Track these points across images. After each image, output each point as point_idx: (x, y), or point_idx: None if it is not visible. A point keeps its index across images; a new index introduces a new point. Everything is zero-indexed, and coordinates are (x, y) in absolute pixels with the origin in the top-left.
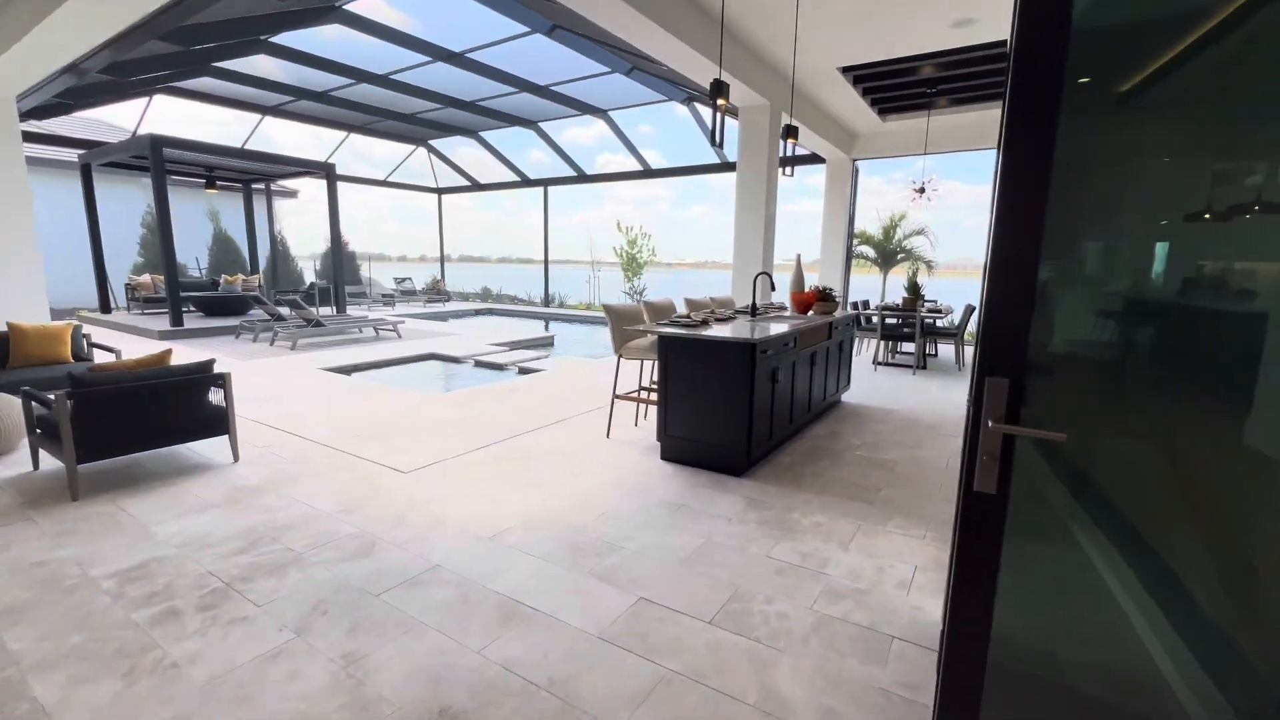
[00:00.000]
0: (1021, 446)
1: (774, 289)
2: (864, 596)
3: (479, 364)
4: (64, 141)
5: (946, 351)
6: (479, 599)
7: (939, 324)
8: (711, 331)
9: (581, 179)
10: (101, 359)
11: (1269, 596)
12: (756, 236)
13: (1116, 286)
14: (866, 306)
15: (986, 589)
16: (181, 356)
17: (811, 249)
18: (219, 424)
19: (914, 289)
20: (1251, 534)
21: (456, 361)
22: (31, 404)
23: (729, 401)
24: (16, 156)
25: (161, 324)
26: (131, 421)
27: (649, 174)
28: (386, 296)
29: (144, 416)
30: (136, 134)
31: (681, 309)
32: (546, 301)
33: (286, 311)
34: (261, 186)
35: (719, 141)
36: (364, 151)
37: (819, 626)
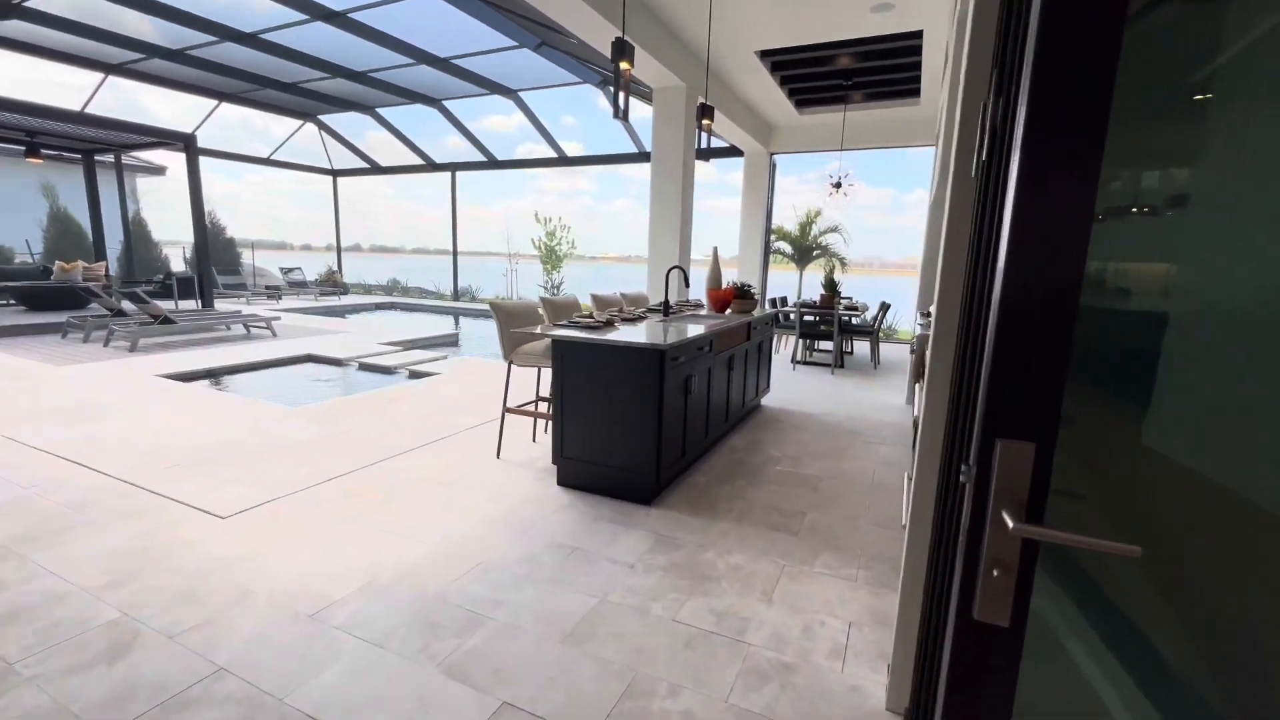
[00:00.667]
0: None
1: (688, 285)
2: (790, 675)
3: (364, 367)
4: None
5: (861, 349)
6: None
7: (854, 321)
8: (615, 335)
9: (493, 164)
10: None
11: None
12: (673, 229)
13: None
14: (785, 303)
15: None
16: None
17: (729, 245)
18: None
19: (831, 286)
20: None
21: (337, 364)
22: None
23: (635, 418)
24: None
25: None
26: None
27: (564, 162)
28: (271, 289)
29: None
30: None
31: (591, 306)
32: (456, 295)
33: (129, 306)
34: (109, 159)
35: (623, 113)
36: (260, 129)
37: None
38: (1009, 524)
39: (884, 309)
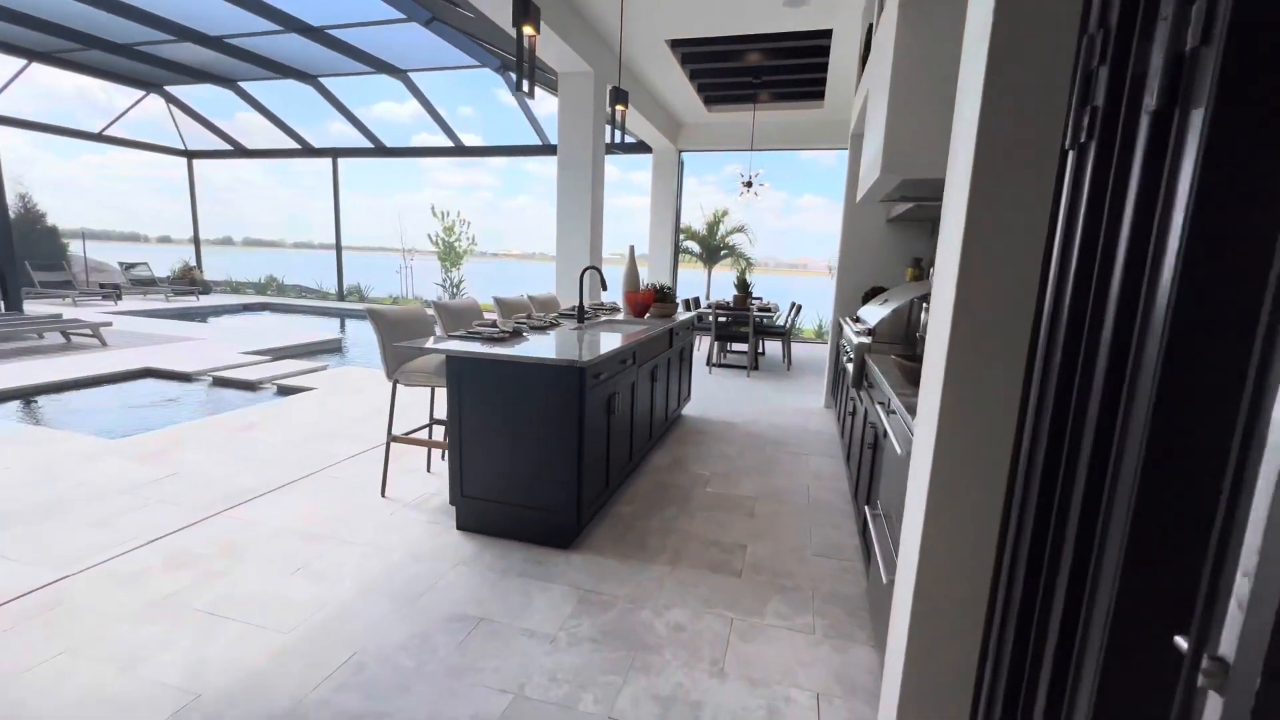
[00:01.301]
0: None
1: (605, 287)
2: None
3: (219, 383)
4: None
5: (771, 349)
6: None
7: (765, 322)
8: (524, 348)
9: (381, 152)
10: None
11: None
12: (582, 226)
13: None
14: (697, 304)
15: None
16: None
17: (636, 244)
18: None
19: (744, 286)
20: None
21: (184, 380)
22: None
23: (551, 447)
24: None
25: None
26: None
27: (462, 152)
28: (108, 288)
29: None
30: None
31: (494, 312)
32: (342, 294)
33: None
34: None
35: (527, 85)
36: (101, 103)
37: None
38: None
39: (796, 309)
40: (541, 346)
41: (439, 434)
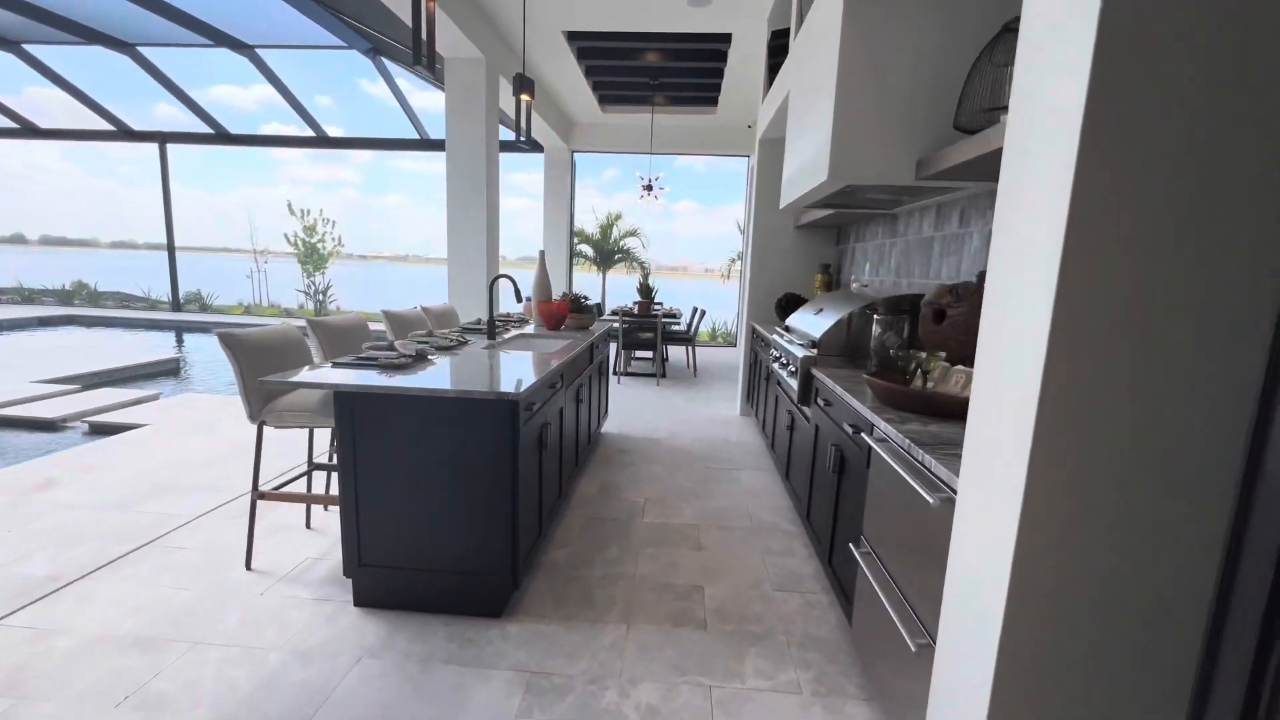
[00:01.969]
0: None
1: (519, 298)
2: None
3: (3, 423)
4: None
5: (675, 354)
6: None
7: (671, 329)
8: (434, 376)
9: (223, 139)
10: None
11: None
12: (477, 228)
13: None
14: (600, 310)
15: None
16: None
17: (522, 248)
18: None
19: (647, 292)
20: None
21: None
22: None
23: (478, 495)
24: None
25: None
26: None
27: (327, 143)
28: None
29: None
30: None
31: (381, 328)
32: (177, 304)
33: None
34: None
35: (426, 53)
36: None
37: None
38: None
39: (700, 315)
40: (457, 373)
41: (321, 482)
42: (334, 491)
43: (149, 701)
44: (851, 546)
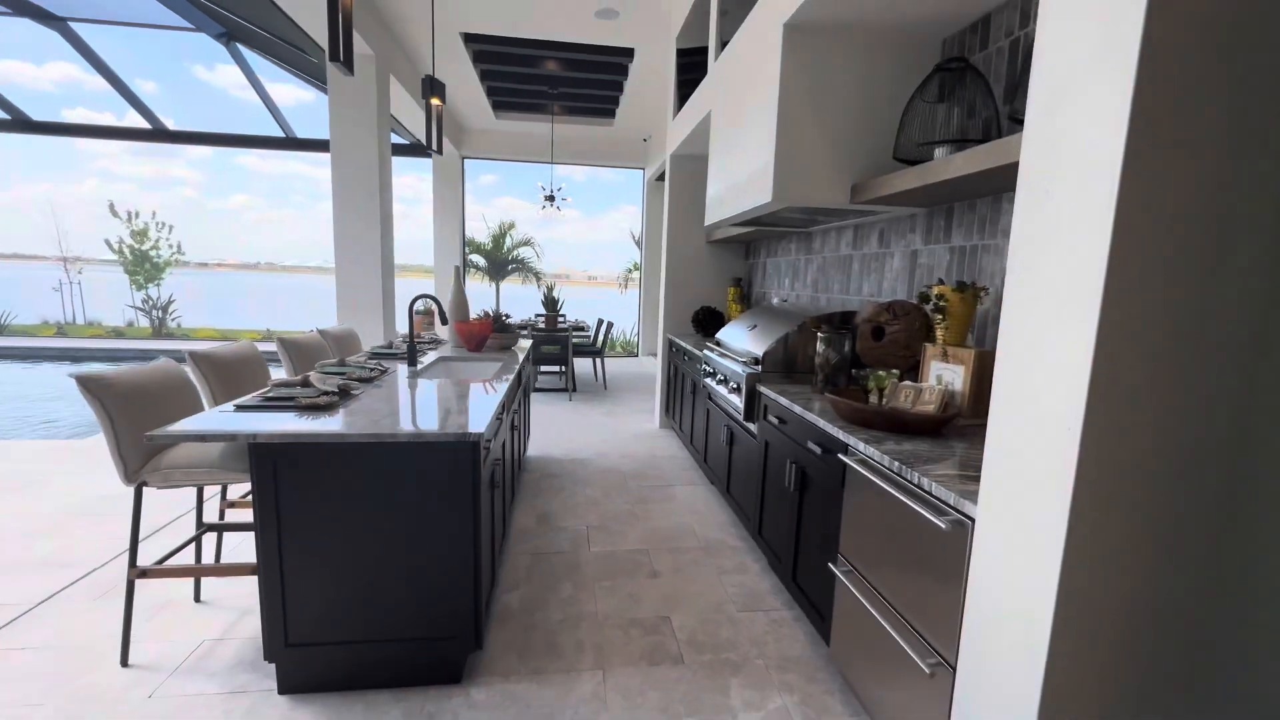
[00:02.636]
0: None
1: (445, 320)
2: None
3: None
4: None
5: (580, 366)
6: None
7: (580, 343)
8: (368, 416)
9: (20, 126)
10: None
11: None
12: (370, 238)
13: None
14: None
15: None
16: None
17: (413, 255)
18: None
19: (552, 304)
20: None
21: None
22: None
23: (434, 550)
24: None
25: None
26: None
27: (155, 136)
28: None
29: None
30: None
31: (273, 352)
32: None
33: None
34: None
35: (343, 52)
36: None
37: None
38: None
39: (607, 328)
40: (393, 412)
41: (213, 545)
42: (237, 557)
43: None
44: (831, 565)
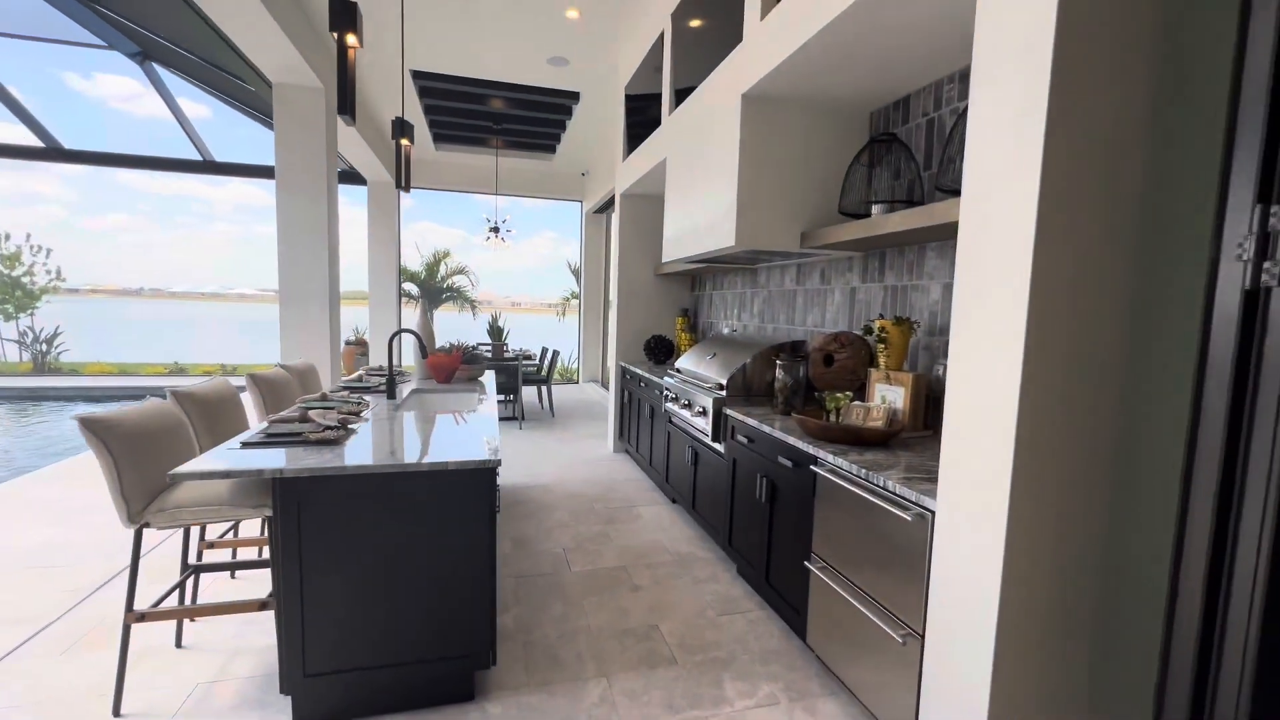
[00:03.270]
0: None
1: (425, 354)
2: None
3: None
4: None
5: (526, 394)
6: None
7: (529, 371)
8: (377, 447)
9: None
10: None
11: None
12: (316, 271)
13: None
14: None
15: None
16: None
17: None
18: None
19: (498, 334)
20: None
21: None
22: None
23: (454, 571)
24: None
25: None
26: None
27: (36, 155)
28: None
29: None
30: None
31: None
32: None
33: None
34: None
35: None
36: None
37: None
38: None
39: (553, 356)
40: (403, 441)
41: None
42: (218, 597)
43: None
44: (806, 563)
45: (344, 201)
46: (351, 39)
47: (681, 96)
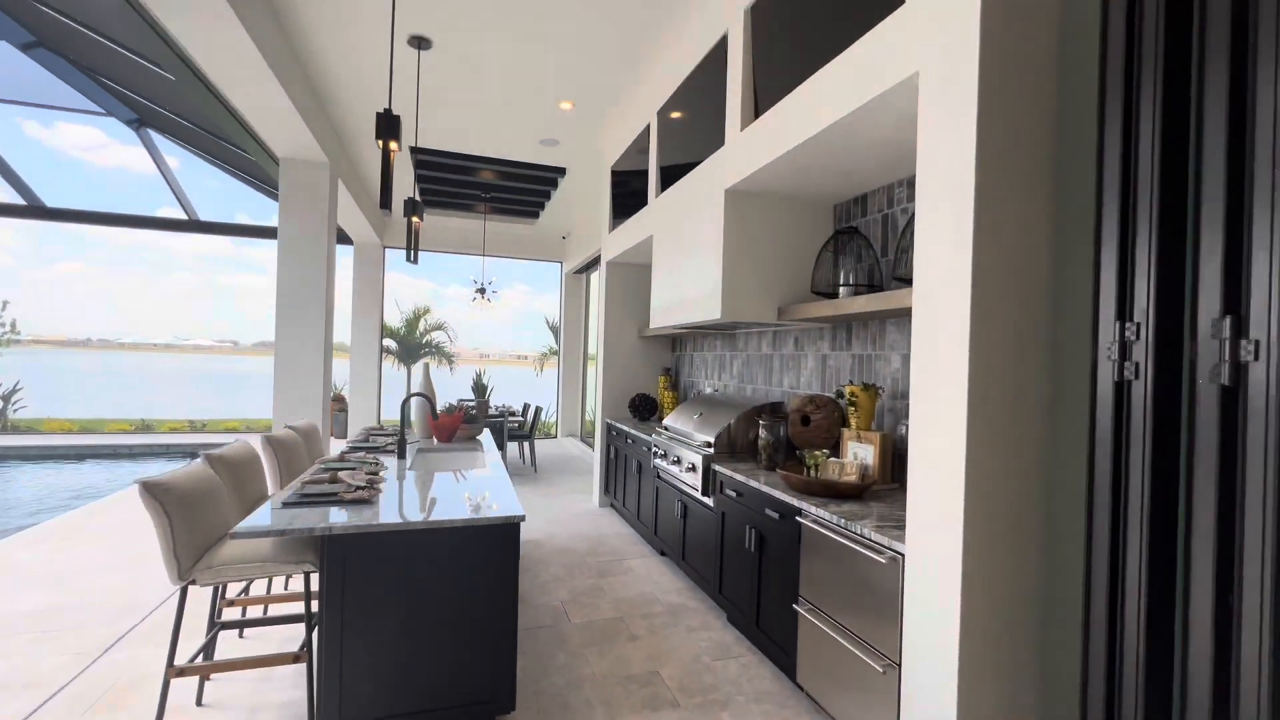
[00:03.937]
0: None
1: (435, 416)
2: None
3: None
4: None
5: (510, 449)
6: None
7: (514, 428)
8: (409, 505)
9: None
10: None
11: None
12: (313, 335)
13: None
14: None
15: None
16: None
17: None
18: None
19: (481, 390)
20: None
21: None
22: None
23: (481, 619)
24: None
25: None
26: None
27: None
28: None
29: None
30: None
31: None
32: None
33: None
34: None
35: (387, 195)
36: None
37: None
38: None
39: (536, 412)
40: (431, 499)
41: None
42: (234, 653)
43: None
44: (795, 606)
45: None
46: (394, 145)
47: (666, 175)
